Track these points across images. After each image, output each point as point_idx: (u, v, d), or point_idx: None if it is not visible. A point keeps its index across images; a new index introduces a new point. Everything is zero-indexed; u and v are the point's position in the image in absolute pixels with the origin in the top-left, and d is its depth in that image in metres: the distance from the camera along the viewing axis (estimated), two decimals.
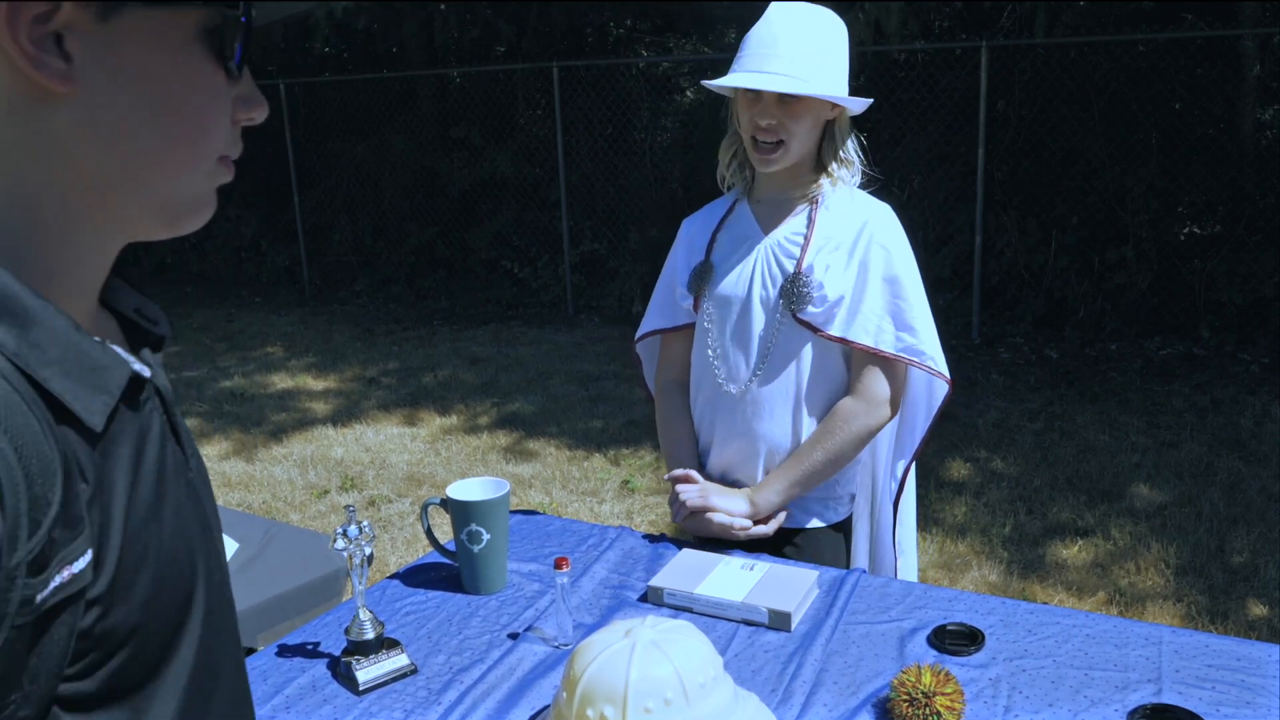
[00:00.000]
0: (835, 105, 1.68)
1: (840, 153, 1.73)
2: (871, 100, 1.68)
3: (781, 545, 1.78)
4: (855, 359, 1.73)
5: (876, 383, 1.71)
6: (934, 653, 1.38)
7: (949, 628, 1.42)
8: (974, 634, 1.40)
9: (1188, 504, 4.05)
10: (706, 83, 1.72)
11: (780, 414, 1.74)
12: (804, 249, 1.70)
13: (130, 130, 0.56)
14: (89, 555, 0.54)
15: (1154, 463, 4.49)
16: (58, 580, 0.52)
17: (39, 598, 0.51)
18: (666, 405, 1.92)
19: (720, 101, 1.86)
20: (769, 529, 1.75)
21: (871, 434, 1.73)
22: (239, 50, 0.60)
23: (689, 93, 8.73)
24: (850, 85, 1.71)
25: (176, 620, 0.61)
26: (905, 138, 7.03)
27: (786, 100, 1.63)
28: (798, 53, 1.60)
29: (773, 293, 1.72)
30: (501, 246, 8.83)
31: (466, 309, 8.40)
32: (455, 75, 9.17)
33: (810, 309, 1.68)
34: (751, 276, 1.74)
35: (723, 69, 1.71)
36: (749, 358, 1.75)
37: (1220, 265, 6.33)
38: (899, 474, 1.86)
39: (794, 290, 1.69)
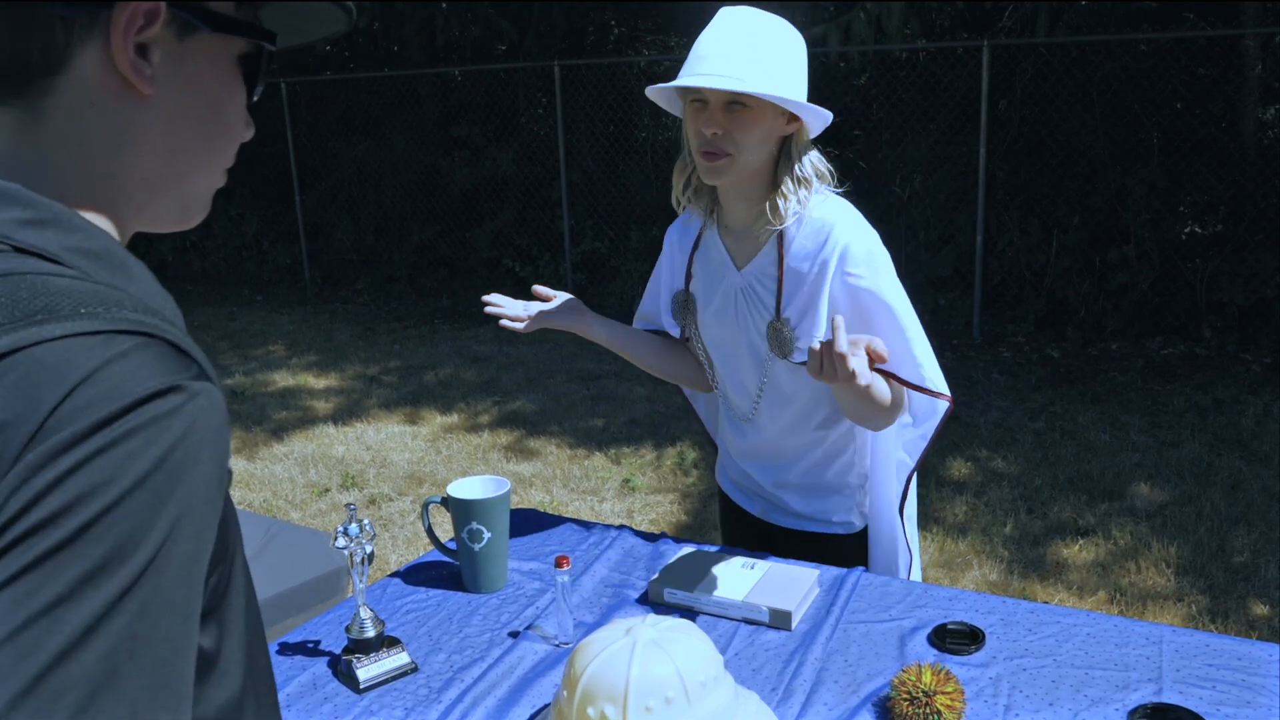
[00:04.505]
0: (791, 120, 1.53)
1: (798, 171, 1.55)
2: (831, 115, 1.51)
3: (806, 552, 1.76)
4: None
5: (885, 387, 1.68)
6: (934, 652, 1.38)
7: (949, 627, 1.42)
8: (974, 633, 1.40)
9: (1189, 503, 4.05)
10: (648, 91, 1.59)
11: (784, 434, 1.75)
12: (779, 297, 1.63)
13: (187, 130, 0.67)
14: None
15: (1155, 462, 4.49)
16: None
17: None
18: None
19: None
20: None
21: (890, 421, 1.64)
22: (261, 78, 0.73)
23: None
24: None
25: (234, 551, 0.66)
26: (906, 137, 7.03)
27: (733, 108, 1.49)
28: (744, 55, 1.46)
29: (757, 339, 1.68)
30: (503, 245, 8.83)
31: (468, 307, 8.40)
32: (457, 74, 9.16)
33: (797, 355, 1.64)
34: (735, 320, 1.71)
35: None
36: (748, 391, 1.75)
37: (1222, 265, 6.33)
38: (903, 480, 1.85)
39: (778, 339, 1.65)
